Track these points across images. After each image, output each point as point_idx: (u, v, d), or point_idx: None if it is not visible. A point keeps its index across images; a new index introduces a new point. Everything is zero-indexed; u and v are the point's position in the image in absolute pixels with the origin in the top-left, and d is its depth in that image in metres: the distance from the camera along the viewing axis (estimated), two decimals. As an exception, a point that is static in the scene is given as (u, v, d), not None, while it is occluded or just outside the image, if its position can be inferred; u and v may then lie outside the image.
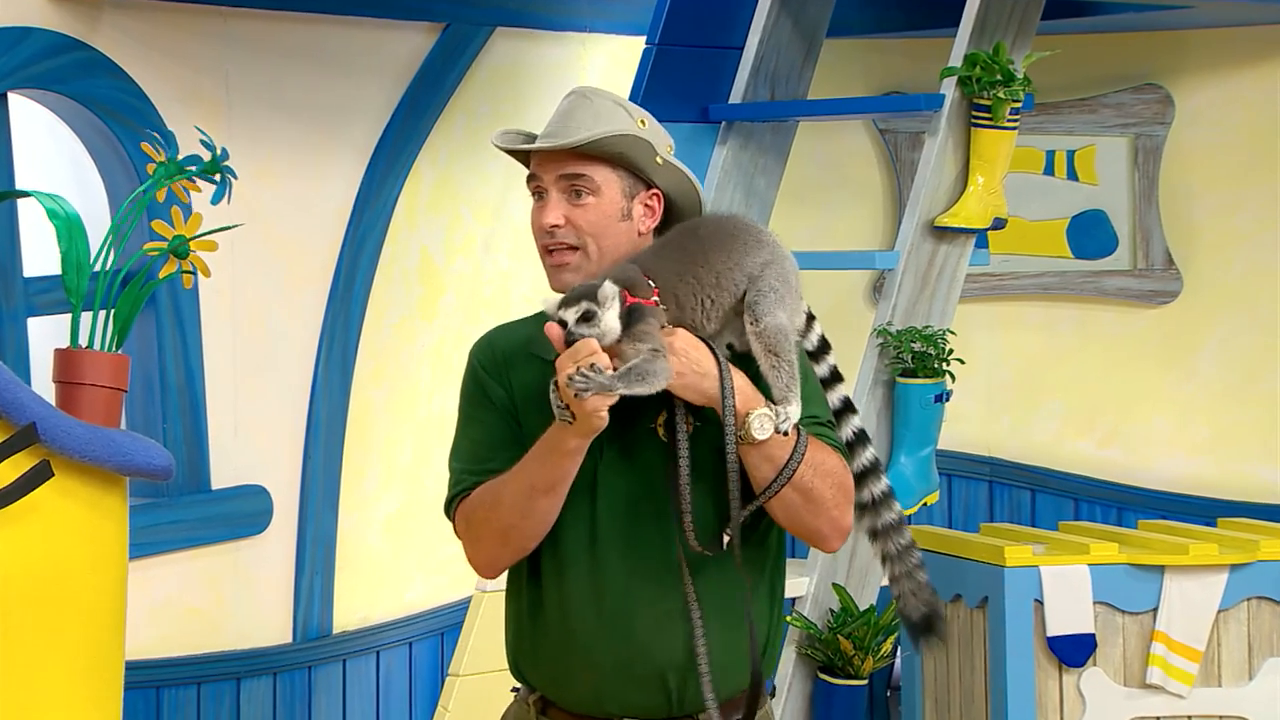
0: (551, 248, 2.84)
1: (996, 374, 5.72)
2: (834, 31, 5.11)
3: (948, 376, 4.64)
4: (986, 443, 5.72)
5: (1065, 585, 4.38)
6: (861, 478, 2.91)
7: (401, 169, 4.93)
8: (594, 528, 2.82)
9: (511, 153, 2.89)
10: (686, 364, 2.75)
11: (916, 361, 4.61)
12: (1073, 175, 5.72)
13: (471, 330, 5.05)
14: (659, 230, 2.88)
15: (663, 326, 2.77)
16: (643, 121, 2.85)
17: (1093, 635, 4.40)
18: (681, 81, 4.87)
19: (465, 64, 4.98)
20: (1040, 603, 4.38)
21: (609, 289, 2.71)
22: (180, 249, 3.44)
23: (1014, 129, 4.68)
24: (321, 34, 4.78)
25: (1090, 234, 5.72)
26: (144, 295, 3.43)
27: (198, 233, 3.46)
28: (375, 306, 4.92)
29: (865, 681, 4.63)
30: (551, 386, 2.72)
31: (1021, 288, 5.74)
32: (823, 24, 5.06)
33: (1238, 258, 5.64)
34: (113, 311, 3.41)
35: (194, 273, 3.47)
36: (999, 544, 4.46)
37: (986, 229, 4.78)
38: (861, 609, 4.60)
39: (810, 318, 2.90)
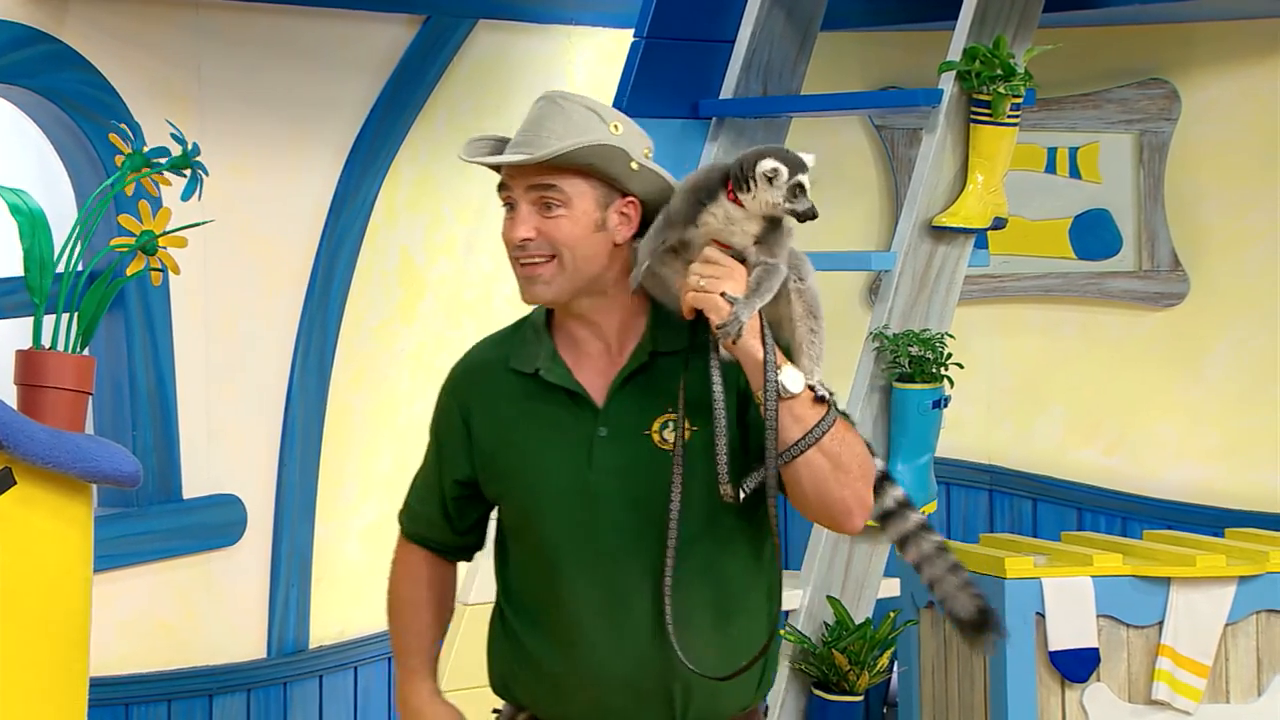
0: (523, 260, 2.81)
1: (997, 379, 5.72)
2: (829, 24, 5.10)
3: (946, 381, 4.61)
4: (986, 450, 5.71)
5: (1068, 598, 4.37)
6: (876, 486, 2.88)
7: (380, 166, 4.93)
8: (591, 538, 2.80)
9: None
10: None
11: (914, 366, 4.58)
12: (1075, 173, 5.72)
13: (453, 334, 5.16)
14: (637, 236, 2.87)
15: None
16: (616, 126, 2.81)
17: (1096, 650, 4.39)
18: (671, 76, 4.86)
19: (447, 57, 4.99)
20: (1042, 616, 4.36)
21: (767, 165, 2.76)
22: (149, 245, 3.46)
23: (1015, 125, 4.66)
24: (297, 26, 4.78)
25: (1094, 234, 5.70)
26: (110, 294, 3.43)
27: (167, 228, 3.47)
28: (353, 309, 4.93)
29: (861, 698, 4.59)
30: (714, 356, 2.76)
31: (1023, 289, 5.72)
32: (817, 16, 5.06)
33: (1247, 258, 5.62)
34: (77, 311, 3.41)
35: (163, 270, 3.49)
36: (999, 555, 4.46)
37: (986, 229, 4.76)
38: (857, 622, 4.58)
39: None
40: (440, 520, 2.96)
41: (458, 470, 2.91)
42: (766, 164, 2.78)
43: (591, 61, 5.24)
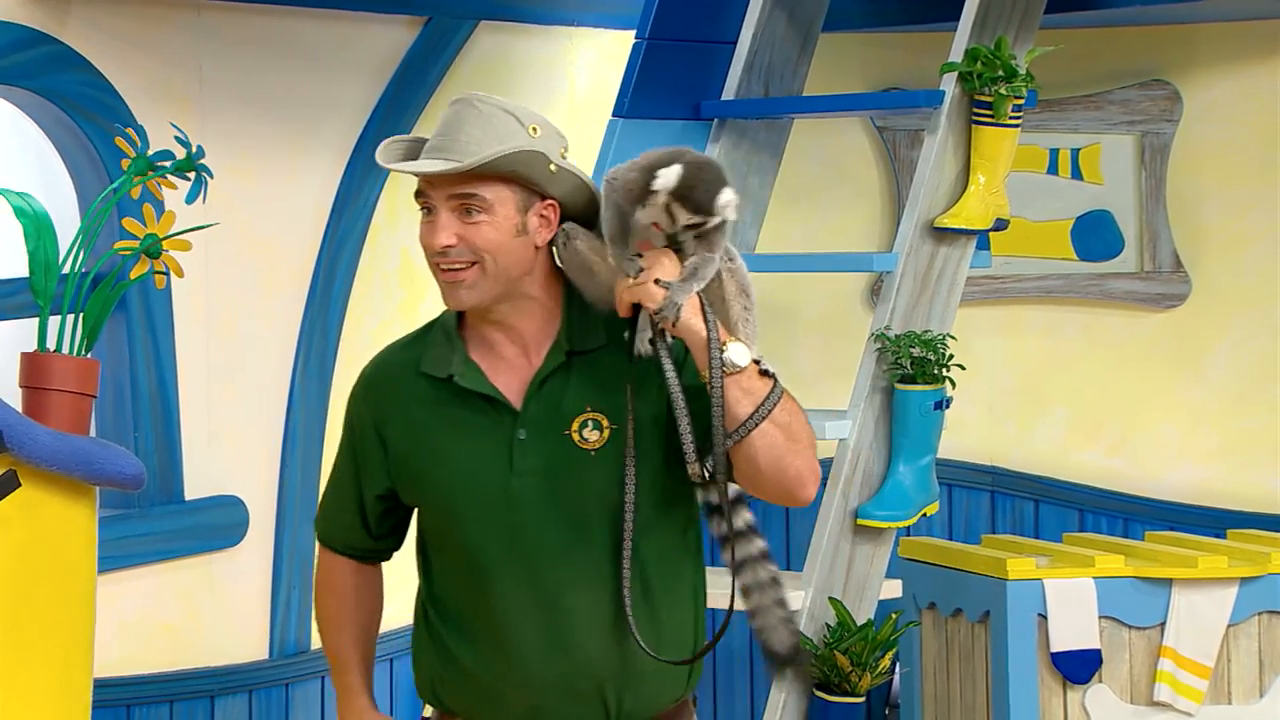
0: (444, 266, 2.80)
1: (998, 380, 5.70)
2: (830, 25, 5.10)
3: (948, 383, 4.61)
4: (988, 451, 5.69)
5: (1070, 599, 4.36)
6: (734, 504, 2.88)
7: (382, 168, 4.88)
8: (518, 541, 2.79)
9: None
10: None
11: (915, 367, 4.57)
12: (1077, 174, 5.70)
13: (454, 335, 5.16)
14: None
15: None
16: (535, 129, 2.81)
17: (1098, 651, 4.38)
18: (672, 77, 4.85)
19: (448, 59, 4.97)
20: (1044, 617, 4.36)
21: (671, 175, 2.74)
22: (153, 249, 3.44)
23: (1016, 126, 4.66)
24: (299, 27, 4.76)
25: (1095, 235, 5.69)
26: (115, 296, 3.43)
27: (171, 231, 3.45)
28: (355, 310, 4.91)
29: (863, 699, 4.58)
30: (644, 341, 2.76)
31: (1024, 290, 5.71)
32: (819, 17, 5.05)
33: (1249, 259, 5.61)
34: (82, 314, 3.40)
35: (166, 273, 3.47)
36: (1001, 556, 4.46)
37: (988, 230, 4.76)
38: (859, 624, 4.57)
39: None
40: (358, 527, 2.95)
41: (376, 485, 2.90)
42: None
43: (593, 63, 5.22)
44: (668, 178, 2.74)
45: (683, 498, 2.84)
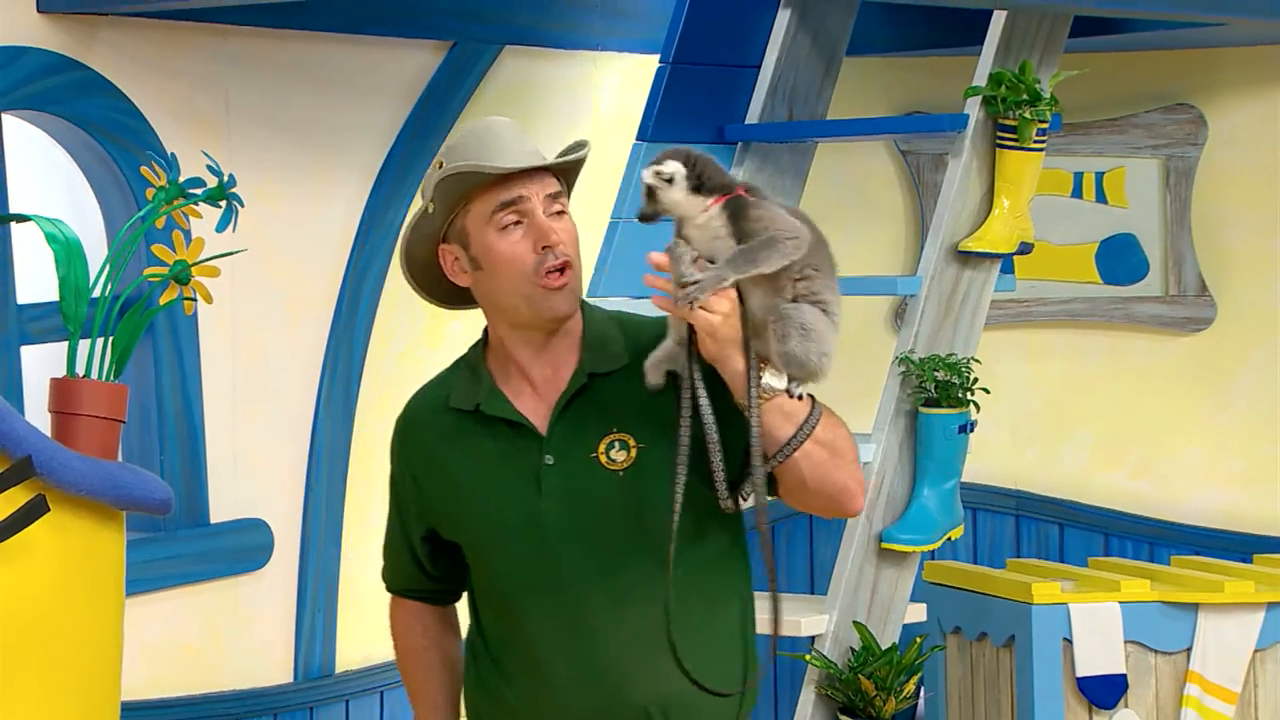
0: (553, 267, 2.77)
1: (1023, 404, 5.69)
2: (854, 49, 5.09)
3: (972, 406, 4.60)
4: (1013, 475, 5.69)
5: (1095, 623, 4.38)
6: None
7: (407, 191, 4.90)
8: (548, 567, 2.77)
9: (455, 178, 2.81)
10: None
11: (940, 391, 4.57)
12: (1102, 198, 5.70)
13: (479, 358, 5.15)
14: None
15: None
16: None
17: (1124, 676, 4.40)
18: (696, 101, 4.85)
19: (473, 83, 4.97)
20: (1069, 642, 4.38)
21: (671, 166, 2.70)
22: (182, 275, 3.43)
23: (1041, 150, 4.65)
24: (325, 52, 4.77)
25: (1120, 258, 5.69)
26: (144, 322, 3.42)
27: (199, 258, 3.45)
28: (379, 334, 4.91)
29: (887, 723, 4.56)
30: (657, 372, 2.71)
31: (1049, 314, 5.71)
32: (842, 41, 5.05)
33: (1274, 282, 5.60)
34: (111, 339, 3.40)
35: (195, 299, 3.46)
36: (1026, 580, 4.48)
37: (1012, 253, 4.75)
38: (884, 647, 4.55)
39: None
40: (417, 573, 2.95)
41: (419, 528, 2.91)
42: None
43: (617, 87, 5.22)
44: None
45: (723, 515, 2.79)
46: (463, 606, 3.08)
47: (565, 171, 2.84)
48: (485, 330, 2.87)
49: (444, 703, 2.96)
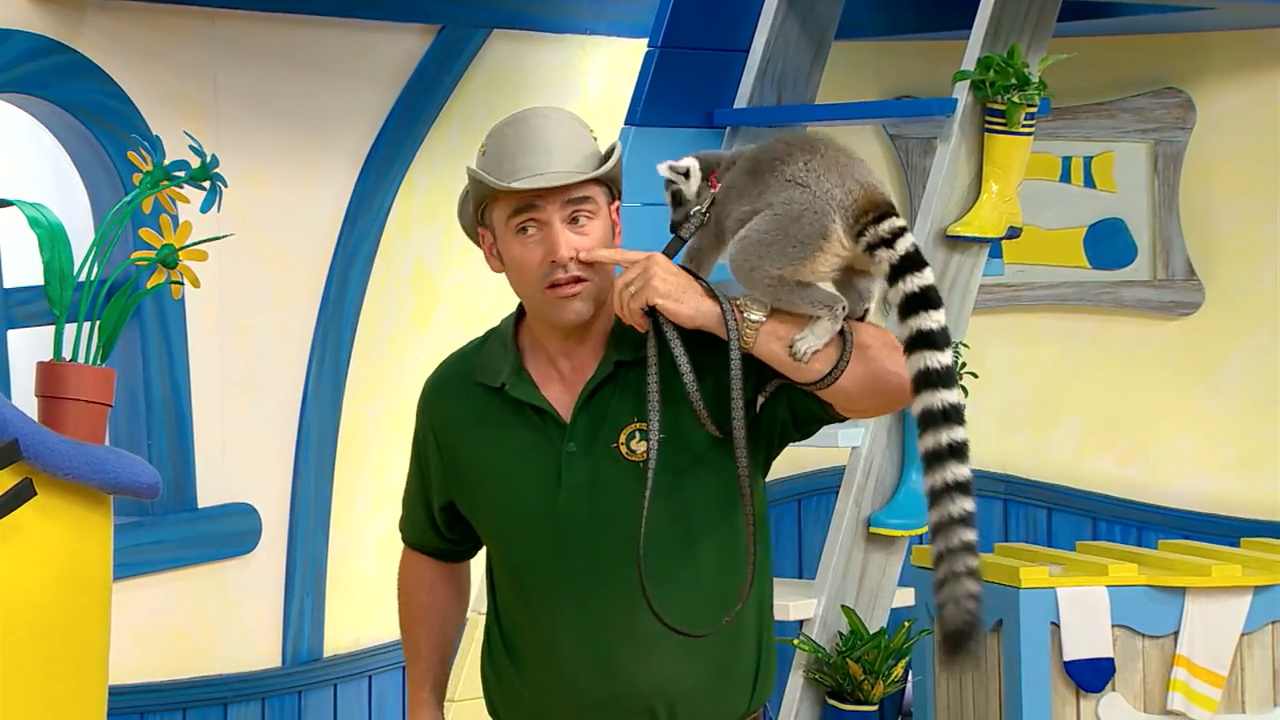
0: (563, 279, 2.73)
1: (1011, 389, 5.70)
2: (843, 33, 5.07)
3: (960, 391, 4.57)
4: (1001, 460, 5.69)
5: (1083, 607, 4.39)
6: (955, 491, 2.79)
7: (395, 176, 4.91)
8: (565, 557, 2.75)
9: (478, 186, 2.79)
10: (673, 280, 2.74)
11: (928, 375, 4.55)
12: (1090, 182, 5.71)
13: (468, 343, 5.16)
14: None
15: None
16: (592, 131, 2.80)
17: (1111, 659, 4.40)
18: (685, 85, 4.83)
19: (461, 67, 4.98)
20: (1057, 626, 4.38)
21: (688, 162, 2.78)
22: (169, 259, 3.42)
23: (1029, 134, 4.63)
24: (312, 36, 4.77)
25: (1108, 243, 5.69)
26: (130, 306, 3.41)
27: (187, 242, 3.43)
28: (367, 319, 4.91)
29: (875, 707, 4.56)
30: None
31: (1037, 299, 5.71)
32: (831, 25, 5.03)
33: (1262, 267, 5.61)
34: (98, 323, 3.39)
35: (182, 283, 3.45)
36: (1014, 565, 4.48)
37: (1001, 238, 4.74)
38: (872, 632, 4.55)
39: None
40: (431, 532, 2.93)
41: (439, 497, 2.88)
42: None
43: (605, 71, 5.22)
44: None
45: (738, 504, 2.76)
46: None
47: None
48: (520, 304, 2.86)
49: (437, 683, 2.96)
